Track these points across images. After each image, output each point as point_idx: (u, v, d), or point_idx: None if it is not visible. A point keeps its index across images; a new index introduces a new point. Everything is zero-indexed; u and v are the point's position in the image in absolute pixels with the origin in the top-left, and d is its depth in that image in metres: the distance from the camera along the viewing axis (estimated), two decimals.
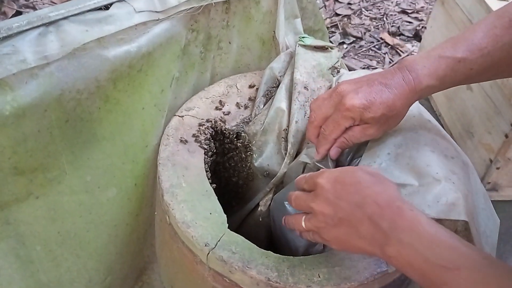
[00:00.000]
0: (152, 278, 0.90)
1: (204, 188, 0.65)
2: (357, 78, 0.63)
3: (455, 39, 0.59)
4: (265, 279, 0.55)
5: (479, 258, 0.43)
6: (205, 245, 0.58)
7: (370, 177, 0.51)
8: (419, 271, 0.45)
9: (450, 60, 0.58)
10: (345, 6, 1.92)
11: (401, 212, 0.47)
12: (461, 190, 0.57)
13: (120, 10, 0.64)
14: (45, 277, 0.73)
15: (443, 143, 0.64)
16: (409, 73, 0.59)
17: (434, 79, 0.58)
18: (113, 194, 0.74)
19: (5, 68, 0.55)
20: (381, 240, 0.47)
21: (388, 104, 0.59)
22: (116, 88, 0.66)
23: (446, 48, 0.59)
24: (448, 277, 0.43)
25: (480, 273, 0.42)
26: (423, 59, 0.59)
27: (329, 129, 0.63)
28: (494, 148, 1.05)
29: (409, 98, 0.59)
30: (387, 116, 0.60)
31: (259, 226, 0.76)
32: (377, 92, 0.59)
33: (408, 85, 0.58)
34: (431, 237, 0.45)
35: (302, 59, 0.77)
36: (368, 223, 0.47)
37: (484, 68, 0.58)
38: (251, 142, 0.76)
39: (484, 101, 1.07)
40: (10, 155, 0.59)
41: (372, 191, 0.49)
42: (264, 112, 0.76)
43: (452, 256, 0.43)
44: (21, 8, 1.62)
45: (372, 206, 0.48)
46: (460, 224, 0.61)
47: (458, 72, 0.58)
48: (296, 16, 0.85)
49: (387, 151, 0.63)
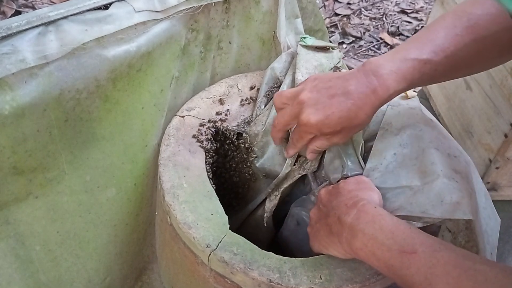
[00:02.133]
0: (152, 278, 0.90)
1: (206, 189, 0.65)
2: (319, 82, 0.60)
3: (418, 39, 0.58)
4: (267, 280, 0.55)
5: (435, 243, 0.47)
6: (207, 246, 0.57)
7: (355, 185, 0.58)
8: (382, 260, 0.49)
9: (416, 62, 0.56)
10: (344, 6, 1.92)
11: (364, 208, 0.52)
12: (465, 188, 0.57)
13: (119, 9, 0.64)
14: (44, 277, 0.73)
15: (446, 142, 0.64)
16: (374, 78, 0.56)
17: (402, 83, 0.57)
18: (113, 194, 0.74)
19: (5, 67, 0.55)
20: (348, 236, 0.52)
21: (349, 117, 0.57)
22: (115, 87, 0.66)
23: (411, 49, 0.57)
24: (407, 260, 0.46)
25: (436, 254, 0.45)
26: (388, 62, 0.57)
27: (295, 138, 0.66)
28: (493, 148, 1.05)
29: (375, 105, 0.57)
30: (348, 127, 0.59)
31: (259, 227, 0.76)
32: (337, 104, 0.57)
33: (374, 93, 0.56)
34: (392, 228, 0.49)
35: (303, 59, 0.77)
36: (337, 222, 0.54)
37: (447, 68, 0.58)
38: (252, 143, 0.75)
39: (483, 101, 1.07)
40: (9, 154, 0.59)
41: (346, 197, 0.56)
42: (265, 113, 0.76)
43: (410, 242, 0.47)
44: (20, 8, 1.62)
45: (342, 208, 0.54)
46: (461, 223, 0.61)
47: (424, 74, 0.57)
48: (296, 16, 0.85)
49: (393, 152, 0.63)
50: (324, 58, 0.79)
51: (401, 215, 0.56)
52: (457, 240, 0.63)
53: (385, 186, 0.61)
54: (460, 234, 0.63)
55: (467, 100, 1.15)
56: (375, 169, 0.63)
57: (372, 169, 0.64)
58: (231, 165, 0.79)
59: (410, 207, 0.56)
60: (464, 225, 0.62)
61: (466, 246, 0.62)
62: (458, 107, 1.19)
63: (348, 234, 0.52)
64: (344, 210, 0.54)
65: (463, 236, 0.62)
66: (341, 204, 0.55)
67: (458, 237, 0.63)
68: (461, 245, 0.63)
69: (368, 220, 0.51)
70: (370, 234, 0.50)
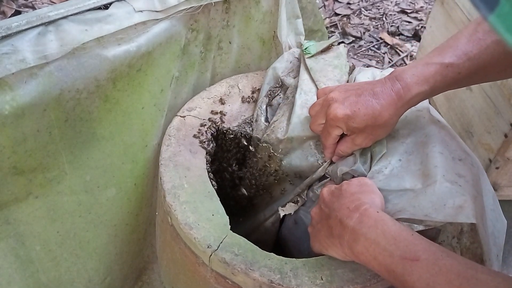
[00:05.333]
0: (152, 278, 0.90)
1: (207, 189, 0.65)
2: (349, 86, 0.65)
3: (440, 47, 0.61)
4: (268, 281, 0.55)
5: (438, 251, 0.47)
6: (208, 247, 0.57)
7: (358, 187, 0.58)
8: (384, 265, 0.49)
9: (438, 66, 0.59)
10: (344, 6, 1.92)
11: (367, 212, 0.52)
12: (468, 192, 0.57)
13: (119, 9, 0.64)
14: (44, 277, 0.73)
15: (452, 145, 0.64)
16: (398, 82, 0.60)
17: (424, 85, 0.59)
18: (113, 194, 0.74)
19: (5, 67, 0.55)
20: (349, 239, 0.52)
21: (374, 115, 0.60)
22: (115, 87, 0.66)
23: (433, 56, 0.61)
24: (409, 267, 0.46)
25: (439, 262, 0.45)
26: (411, 68, 0.61)
27: (324, 136, 0.68)
28: (493, 148, 1.05)
29: (398, 107, 0.60)
30: (372, 126, 0.62)
31: (268, 233, 0.75)
32: (364, 102, 0.61)
33: (397, 95, 0.60)
34: (394, 234, 0.49)
35: (317, 70, 0.76)
36: (339, 225, 0.54)
37: (471, 71, 0.59)
38: (276, 151, 0.74)
39: (483, 101, 1.07)
40: (9, 154, 0.59)
41: (348, 200, 0.55)
42: (282, 119, 0.74)
43: (413, 249, 0.47)
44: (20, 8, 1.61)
45: (344, 211, 0.54)
46: (466, 224, 0.61)
47: (447, 77, 0.59)
48: (297, 16, 0.85)
49: (398, 158, 0.65)
50: (335, 59, 0.79)
51: (403, 218, 0.56)
52: (461, 241, 0.63)
53: (388, 188, 0.61)
54: (465, 236, 0.63)
55: (467, 100, 1.15)
56: (379, 172, 0.64)
57: (377, 172, 0.64)
58: (251, 174, 0.78)
59: (412, 209, 0.56)
60: (469, 226, 0.62)
61: (471, 248, 0.62)
62: (458, 107, 1.19)
63: (349, 237, 0.52)
64: (346, 213, 0.54)
65: (468, 237, 0.62)
66: (343, 206, 0.55)
67: (463, 238, 0.63)
68: (466, 247, 0.63)
69: (371, 225, 0.51)
70: (372, 239, 0.50)
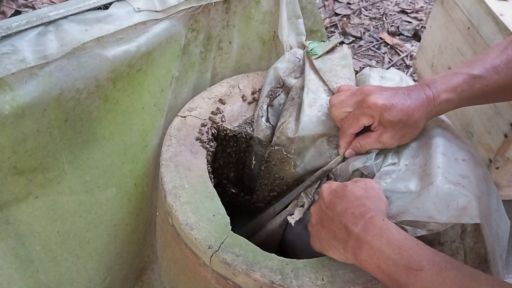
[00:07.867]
0: (152, 278, 0.90)
1: (207, 190, 0.65)
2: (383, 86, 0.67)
3: (470, 61, 0.64)
4: (269, 282, 0.55)
5: (442, 261, 0.47)
6: (209, 248, 0.57)
7: (363, 191, 0.57)
8: (387, 274, 0.49)
9: (467, 76, 0.62)
10: (344, 6, 1.92)
11: (372, 220, 0.52)
12: (472, 192, 0.57)
13: (119, 9, 0.64)
14: (44, 277, 0.73)
15: (455, 146, 0.64)
16: (428, 88, 0.63)
17: (452, 93, 0.62)
18: (113, 194, 0.73)
19: (5, 67, 0.54)
20: (354, 246, 0.52)
21: (408, 112, 0.62)
22: (115, 87, 0.65)
23: (462, 67, 0.63)
24: (413, 277, 0.46)
25: (443, 273, 0.45)
26: (441, 77, 0.64)
27: (348, 123, 0.67)
28: (493, 148, 1.05)
29: (428, 110, 0.63)
30: (404, 123, 0.63)
31: (274, 235, 0.75)
32: (400, 98, 0.63)
33: (427, 99, 0.62)
34: (399, 243, 0.49)
35: (328, 71, 0.76)
36: (344, 230, 0.53)
37: (499, 85, 0.61)
38: (289, 152, 0.73)
39: None
40: (9, 154, 0.59)
41: (353, 204, 0.55)
42: (290, 120, 0.73)
43: (417, 259, 0.47)
44: (20, 8, 1.61)
45: (348, 216, 0.54)
46: (469, 224, 0.61)
47: (474, 87, 0.62)
48: (298, 16, 0.84)
49: (405, 163, 0.65)
50: (341, 60, 0.79)
51: (407, 220, 0.56)
52: (465, 241, 0.63)
53: (394, 190, 0.61)
54: (469, 235, 0.63)
55: None
56: (388, 174, 0.64)
57: (385, 173, 0.64)
58: (264, 175, 0.78)
59: (416, 211, 0.56)
60: (472, 226, 0.62)
61: (474, 248, 0.62)
62: None
63: (354, 244, 0.52)
64: (351, 219, 0.53)
65: (471, 237, 0.62)
66: (347, 211, 0.54)
67: (467, 238, 0.63)
68: (469, 246, 0.63)
69: (376, 233, 0.51)
70: (376, 247, 0.50)
